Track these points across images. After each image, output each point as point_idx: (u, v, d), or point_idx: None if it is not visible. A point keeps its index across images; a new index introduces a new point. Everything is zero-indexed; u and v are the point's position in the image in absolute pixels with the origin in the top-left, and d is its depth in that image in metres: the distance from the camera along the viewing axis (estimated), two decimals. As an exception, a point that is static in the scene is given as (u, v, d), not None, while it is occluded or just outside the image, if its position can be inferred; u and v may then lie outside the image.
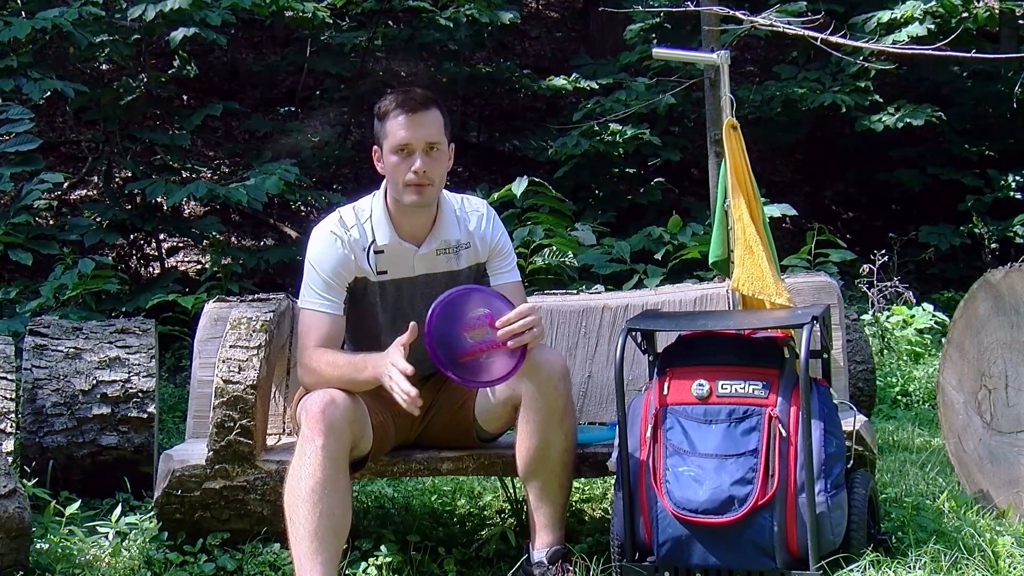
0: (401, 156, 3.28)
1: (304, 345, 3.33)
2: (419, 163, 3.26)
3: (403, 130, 3.26)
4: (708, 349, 3.23)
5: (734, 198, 3.62)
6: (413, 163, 3.26)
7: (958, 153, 10.10)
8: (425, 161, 3.26)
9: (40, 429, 4.26)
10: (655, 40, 9.10)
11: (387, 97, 3.35)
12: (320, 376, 3.24)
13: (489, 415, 3.36)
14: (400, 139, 3.27)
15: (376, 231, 3.35)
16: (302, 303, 3.37)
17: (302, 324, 3.36)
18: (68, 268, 6.54)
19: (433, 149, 3.29)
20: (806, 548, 3.02)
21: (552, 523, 3.27)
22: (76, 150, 9.58)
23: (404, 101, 3.28)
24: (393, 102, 3.30)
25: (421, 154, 3.27)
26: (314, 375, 3.26)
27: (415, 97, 3.30)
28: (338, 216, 3.40)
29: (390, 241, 3.36)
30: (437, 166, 3.30)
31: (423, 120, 3.27)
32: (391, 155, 3.29)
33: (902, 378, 6.49)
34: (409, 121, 3.26)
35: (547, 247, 6.90)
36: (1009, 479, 3.76)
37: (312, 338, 3.31)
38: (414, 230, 3.38)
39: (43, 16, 7.14)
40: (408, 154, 3.27)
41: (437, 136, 3.29)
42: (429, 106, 3.29)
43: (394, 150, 3.28)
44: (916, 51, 6.12)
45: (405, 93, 3.33)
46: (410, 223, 3.37)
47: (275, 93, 10.73)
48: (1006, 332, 3.77)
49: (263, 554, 3.39)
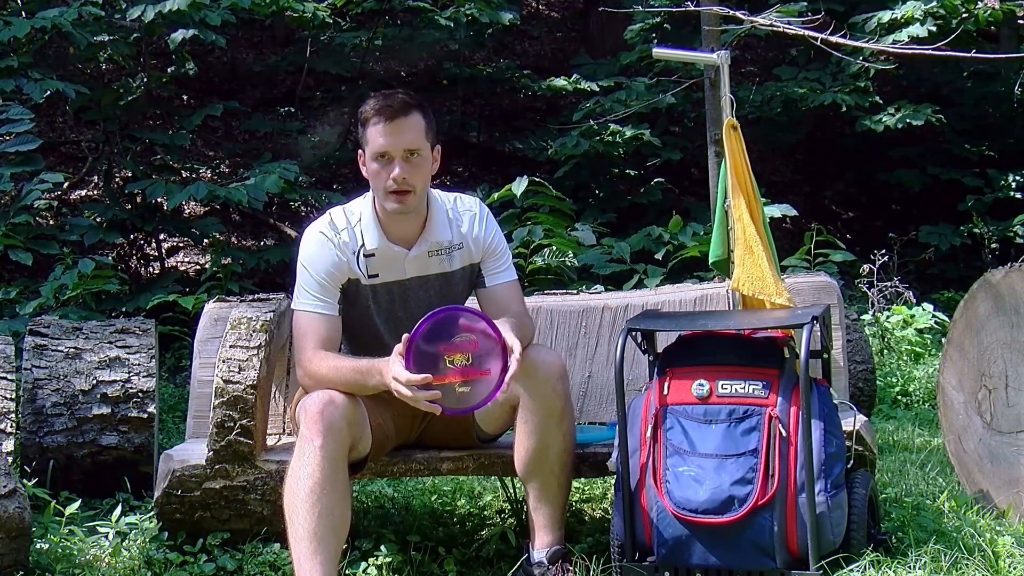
0: (381, 163, 3.26)
1: (302, 347, 3.29)
2: (398, 171, 3.23)
3: (382, 137, 3.24)
4: (708, 349, 3.23)
5: (734, 198, 3.62)
6: (393, 170, 3.24)
7: (958, 153, 10.10)
8: (404, 168, 3.24)
9: (40, 429, 4.26)
10: (655, 40, 9.10)
11: (368, 102, 3.32)
12: (322, 382, 3.19)
13: (488, 416, 3.36)
14: (379, 146, 3.25)
15: (365, 235, 3.34)
16: (296, 305, 3.34)
17: (297, 327, 3.33)
18: (68, 268, 6.54)
19: (413, 155, 3.25)
20: (806, 548, 3.02)
21: (552, 523, 3.26)
22: (76, 150, 9.58)
23: (383, 108, 3.24)
24: (372, 108, 3.26)
25: (400, 161, 3.23)
26: (315, 379, 3.21)
27: (393, 104, 3.25)
28: (329, 218, 3.38)
29: (379, 245, 3.34)
30: (418, 172, 3.27)
31: (402, 127, 3.24)
32: (372, 162, 3.28)
33: (902, 378, 6.49)
34: (388, 128, 3.23)
35: (547, 247, 6.90)
36: (1009, 479, 3.76)
37: (309, 340, 3.28)
38: (403, 233, 3.36)
39: (43, 16, 7.14)
40: (388, 161, 3.25)
41: (417, 142, 3.26)
42: (409, 111, 3.26)
43: (374, 157, 3.26)
44: (916, 51, 6.12)
45: (385, 98, 3.29)
46: (399, 227, 3.35)
47: (275, 93, 10.73)
48: (1006, 332, 3.77)
49: (263, 554, 3.38)
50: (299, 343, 3.32)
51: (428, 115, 3.33)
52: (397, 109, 3.24)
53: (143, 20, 7.45)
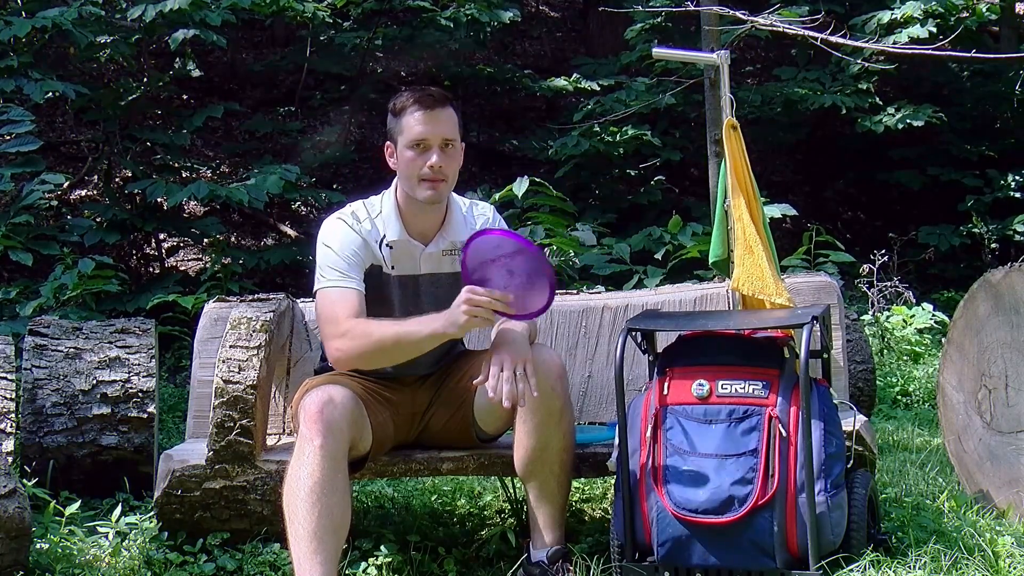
0: (417, 151, 3.29)
1: (335, 319, 3.23)
2: (435, 158, 3.28)
3: (420, 125, 3.28)
4: (708, 349, 3.23)
5: (734, 198, 3.62)
6: (429, 158, 3.28)
7: (958, 153, 10.10)
8: (441, 157, 3.29)
9: (40, 429, 4.26)
10: (655, 40, 9.10)
11: (403, 93, 3.37)
12: (369, 336, 3.16)
13: (487, 415, 3.36)
14: (417, 134, 3.29)
15: (386, 227, 3.37)
16: (322, 284, 3.29)
17: (326, 303, 3.27)
18: (68, 268, 6.54)
19: (448, 146, 3.31)
20: (806, 548, 3.02)
21: (552, 523, 3.27)
22: (76, 150, 9.58)
23: (421, 98, 3.31)
24: (410, 98, 3.32)
25: (437, 150, 3.29)
26: (360, 338, 3.17)
27: (432, 94, 3.33)
28: (350, 210, 3.41)
29: (399, 237, 3.37)
30: (452, 163, 3.33)
31: (440, 116, 3.30)
32: (407, 150, 3.31)
33: (902, 378, 6.49)
34: (426, 117, 3.28)
35: (547, 247, 6.91)
36: (1009, 479, 3.76)
37: (342, 310, 3.23)
38: (423, 228, 3.39)
39: (43, 16, 7.14)
40: (424, 149, 3.29)
41: (452, 133, 3.32)
42: (445, 104, 3.33)
43: (410, 145, 3.30)
44: (916, 51, 6.12)
45: (422, 90, 3.36)
46: (419, 221, 3.38)
47: (275, 93, 10.73)
48: (1006, 332, 3.77)
49: (263, 554, 3.39)
50: (331, 316, 3.25)
51: (458, 111, 3.40)
52: (436, 99, 3.31)
53: (144, 20, 7.46)
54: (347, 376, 3.35)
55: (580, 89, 9.72)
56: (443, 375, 3.46)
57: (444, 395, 3.44)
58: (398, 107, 3.34)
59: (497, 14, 9.21)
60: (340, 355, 3.25)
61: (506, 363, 3.08)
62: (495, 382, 3.07)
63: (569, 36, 12.71)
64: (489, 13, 9.18)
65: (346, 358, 3.25)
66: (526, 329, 3.27)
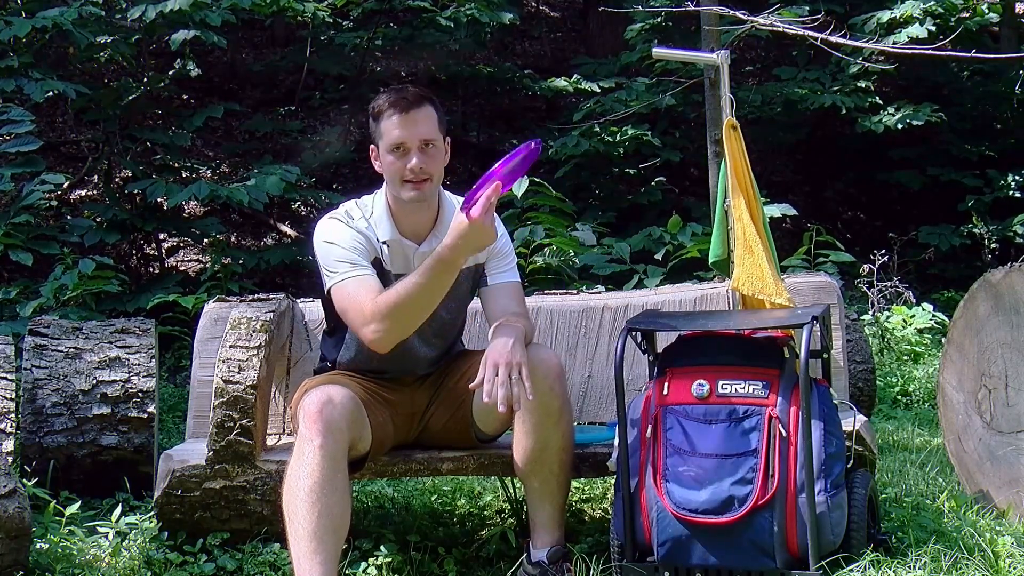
0: (397, 155, 3.28)
1: (359, 307, 3.20)
2: (415, 161, 3.27)
3: (397, 129, 3.27)
4: (708, 349, 3.23)
5: (734, 198, 3.62)
6: (409, 161, 3.27)
7: (958, 153, 10.10)
8: (421, 158, 3.27)
9: (40, 429, 4.26)
10: (655, 40, 9.10)
11: (380, 97, 3.35)
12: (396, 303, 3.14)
13: (486, 416, 3.36)
14: (395, 138, 3.27)
15: (378, 228, 3.36)
16: (335, 280, 3.27)
17: (344, 296, 3.24)
18: (68, 268, 6.55)
19: (428, 146, 3.29)
20: (806, 548, 3.02)
21: (551, 523, 3.27)
22: (76, 150, 9.58)
23: (397, 100, 3.29)
24: (386, 102, 3.30)
25: (417, 152, 3.27)
26: (390, 308, 3.15)
27: (407, 96, 3.30)
28: (343, 210, 3.40)
29: (392, 238, 3.36)
30: (433, 162, 3.31)
31: (416, 118, 3.27)
32: (387, 154, 3.30)
33: (902, 378, 6.49)
34: (403, 120, 3.26)
35: (547, 247, 6.91)
36: (1009, 479, 3.76)
37: (365, 296, 3.20)
38: (415, 228, 3.38)
39: (43, 16, 7.15)
40: (404, 152, 3.28)
41: (432, 133, 3.29)
42: (422, 103, 3.30)
43: (390, 149, 3.29)
44: (916, 51, 6.13)
45: (398, 92, 3.33)
46: (411, 221, 3.38)
47: (275, 93, 10.73)
48: (1006, 332, 3.77)
49: (263, 554, 3.39)
50: (356, 305, 3.22)
51: (439, 107, 3.37)
52: (411, 101, 3.28)
53: (144, 20, 7.46)
54: (346, 376, 3.35)
55: (580, 89, 9.72)
56: (442, 375, 3.46)
57: (443, 395, 3.44)
58: (376, 111, 3.32)
59: (497, 15, 9.21)
60: (379, 335, 3.20)
61: (500, 366, 3.08)
62: (490, 386, 3.07)
63: (569, 36, 12.71)
64: (489, 13, 9.18)
65: (386, 334, 3.20)
66: (522, 330, 3.25)
